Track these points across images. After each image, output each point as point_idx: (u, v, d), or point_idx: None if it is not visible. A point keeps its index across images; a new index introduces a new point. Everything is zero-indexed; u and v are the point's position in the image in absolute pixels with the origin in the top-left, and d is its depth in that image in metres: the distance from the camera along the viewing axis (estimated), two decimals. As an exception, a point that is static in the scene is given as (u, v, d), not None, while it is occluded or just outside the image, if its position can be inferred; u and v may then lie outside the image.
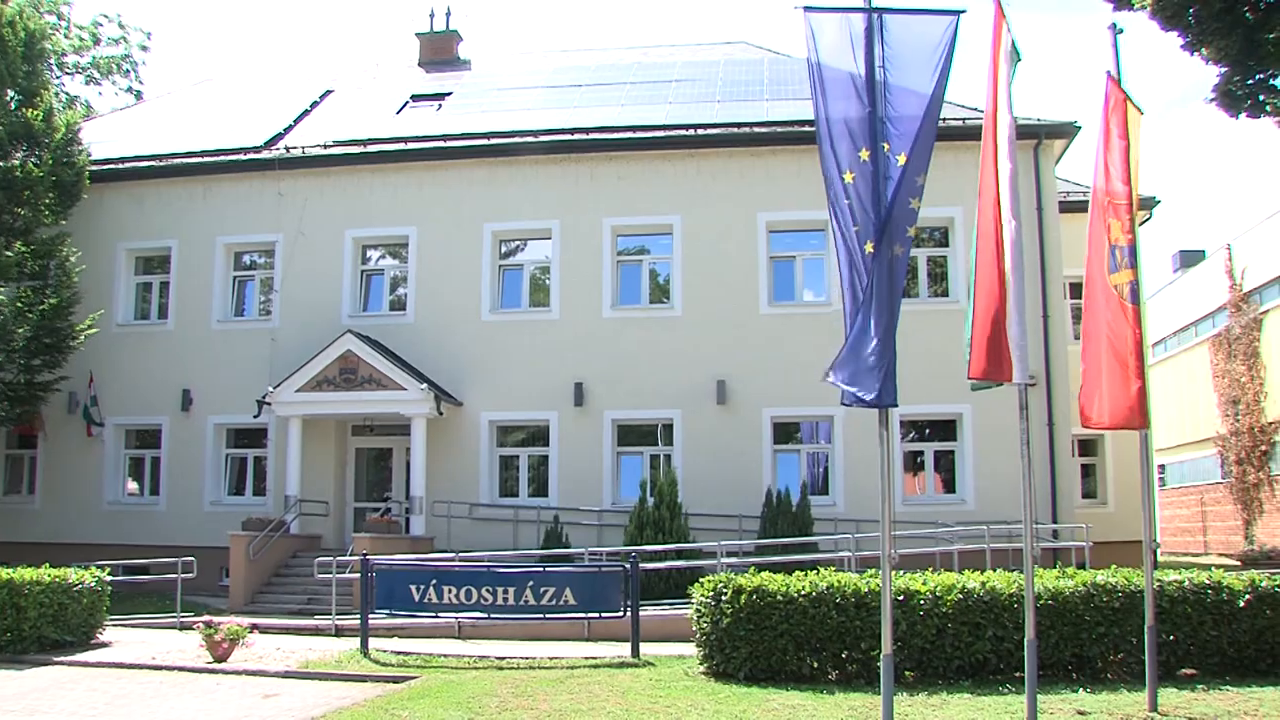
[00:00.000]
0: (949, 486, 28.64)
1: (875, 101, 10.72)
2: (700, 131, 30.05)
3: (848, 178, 10.73)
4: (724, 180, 29.60)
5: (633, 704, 13.79)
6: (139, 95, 53.66)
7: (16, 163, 29.22)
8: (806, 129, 28.65)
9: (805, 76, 31.13)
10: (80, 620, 20.89)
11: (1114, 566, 16.09)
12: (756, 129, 29.76)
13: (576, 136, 30.56)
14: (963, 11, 10.91)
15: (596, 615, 19.37)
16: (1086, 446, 34.27)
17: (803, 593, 15.25)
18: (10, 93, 30.36)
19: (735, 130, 29.88)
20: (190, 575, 25.12)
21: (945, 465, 28.81)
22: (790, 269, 29.54)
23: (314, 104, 36.12)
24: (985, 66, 11.96)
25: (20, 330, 28.74)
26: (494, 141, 31.05)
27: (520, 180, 30.61)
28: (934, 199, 27.23)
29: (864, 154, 10.65)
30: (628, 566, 19.01)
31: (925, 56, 10.84)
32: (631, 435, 29.58)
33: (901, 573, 15.86)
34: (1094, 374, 13.17)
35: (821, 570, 16.02)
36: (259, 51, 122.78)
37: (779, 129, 29.50)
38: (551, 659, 18.29)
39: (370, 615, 19.77)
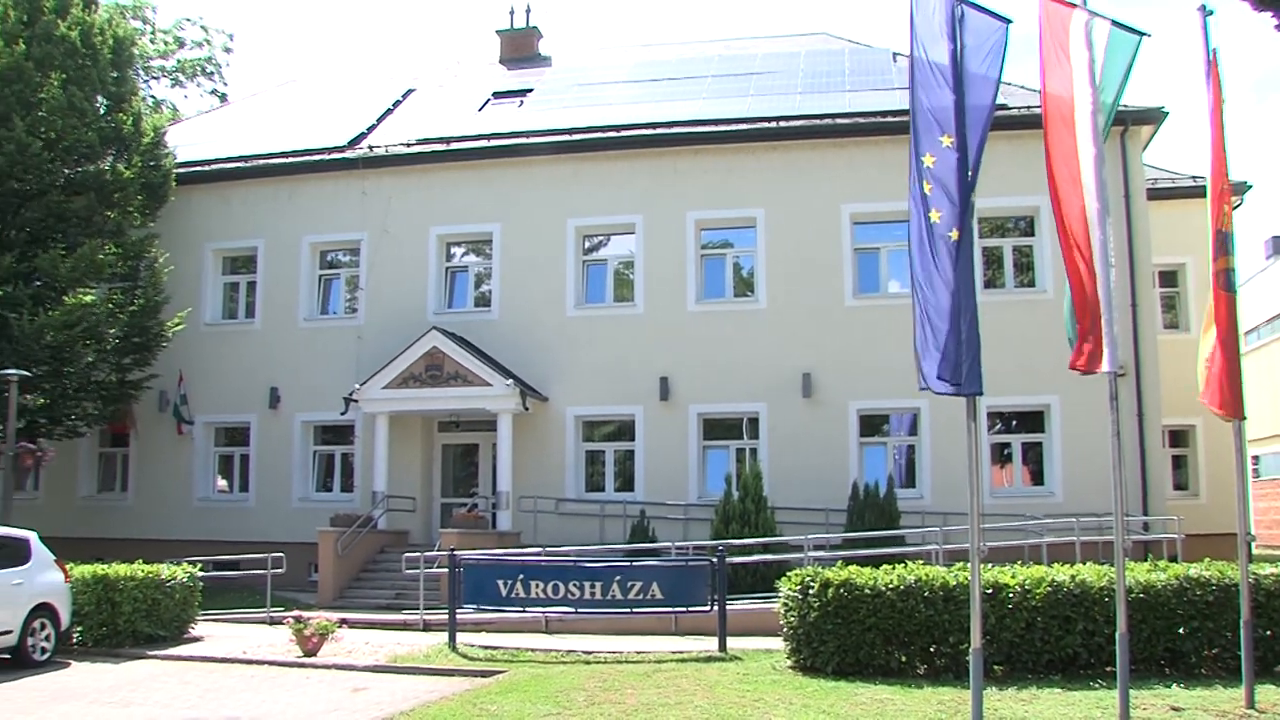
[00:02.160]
0: (1037, 479, 28.34)
1: (959, 88, 10.65)
2: (782, 123, 29.94)
3: (928, 161, 10.67)
4: (807, 172, 29.46)
5: (720, 698, 13.78)
6: (223, 97, 54.28)
7: (107, 166, 29.63)
8: (889, 119, 28.54)
9: (886, 66, 31.12)
10: (173, 615, 21.26)
11: (1207, 560, 15.86)
12: (839, 120, 29.59)
13: (659, 131, 30.52)
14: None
15: (683, 609, 19.33)
16: (1177, 437, 33.75)
17: (890, 586, 15.19)
18: (100, 98, 30.79)
19: (817, 122, 29.73)
20: (280, 571, 25.42)
21: (1033, 457, 28.51)
22: (875, 260, 29.34)
23: (396, 103, 36.35)
24: (1053, 50, 11.84)
25: (111, 330, 29.15)
26: (576, 137, 31.07)
27: (603, 175, 30.65)
28: (1019, 187, 27.23)
29: (946, 140, 10.58)
30: (714, 560, 18.97)
31: (991, 44, 10.80)
32: (717, 429, 29.52)
33: (990, 566, 15.73)
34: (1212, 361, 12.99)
35: (909, 564, 15.89)
36: (341, 52, 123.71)
37: (861, 120, 29.32)
38: (638, 653, 18.30)
39: (458, 610, 19.89)
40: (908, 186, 10.92)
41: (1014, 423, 28.79)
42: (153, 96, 50.50)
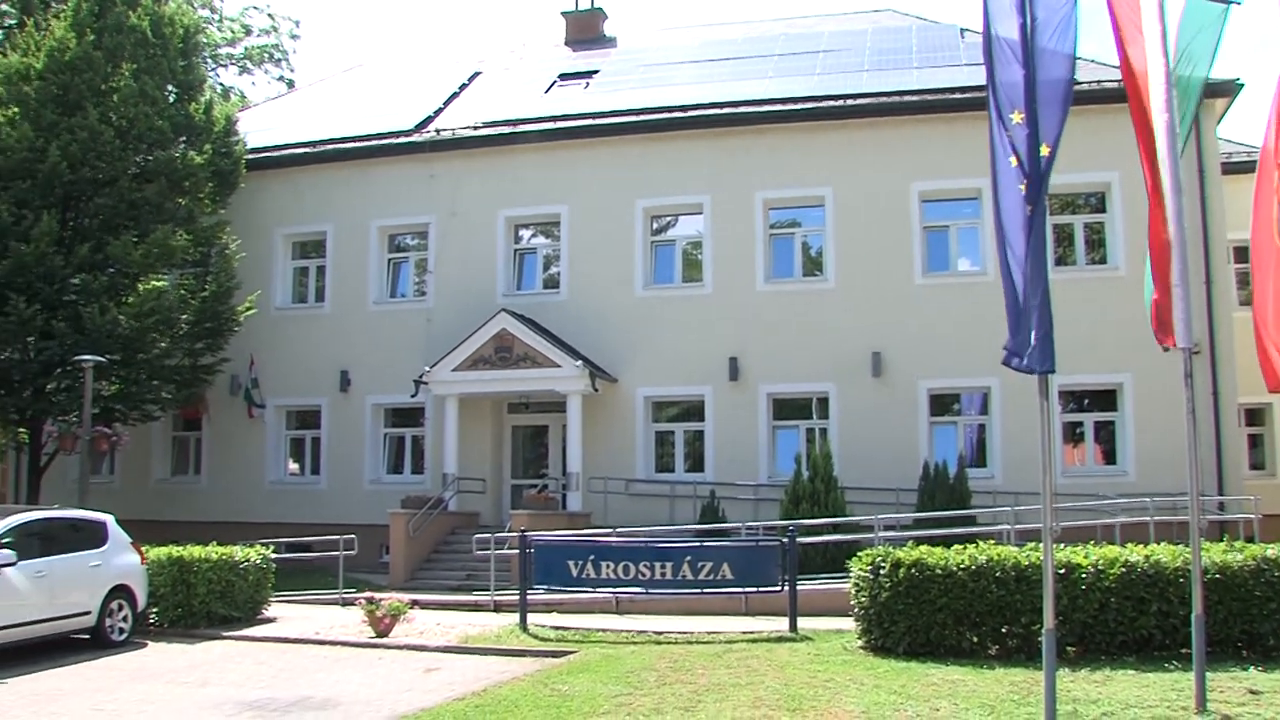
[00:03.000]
0: (1109, 458, 28.06)
1: (1029, 64, 10.55)
2: (850, 101, 29.72)
3: (1009, 136, 10.59)
4: (875, 150, 29.26)
5: (791, 678, 13.77)
6: (291, 84, 54.64)
7: (178, 154, 29.91)
8: (957, 96, 28.30)
9: (954, 43, 30.86)
10: (246, 596, 21.49)
11: (1286, 540, 15.67)
12: (906, 97, 29.34)
13: (726, 111, 30.43)
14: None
15: (754, 590, 19.30)
16: (1254, 416, 33.32)
17: (962, 566, 15.10)
18: (170, 87, 31.11)
19: (885, 99, 29.49)
20: (351, 553, 25.59)
21: (1105, 436, 28.24)
22: (944, 238, 29.14)
23: (463, 86, 36.42)
24: (1126, 23, 11.69)
25: (183, 316, 29.46)
26: (643, 118, 31.01)
27: (670, 156, 30.59)
28: (1090, 163, 26.92)
29: (1016, 116, 10.49)
30: (785, 540, 18.95)
31: (1061, 18, 10.67)
32: (786, 409, 29.45)
33: (1062, 546, 15.60)
34: (1266, 337, 12.76)
35: (980, 543, 15.79)
36: (407, 36, 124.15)
37: (929, 97, 29.06)
38: (709, 633, 18.30)
39: (528, 591, 19.96)
40: (989, 163, 10.83)
41: (1086, 401, 28.52)
42: (221, 84, 50.94)
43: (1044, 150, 10.45)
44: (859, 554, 16.43)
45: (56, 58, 28.81)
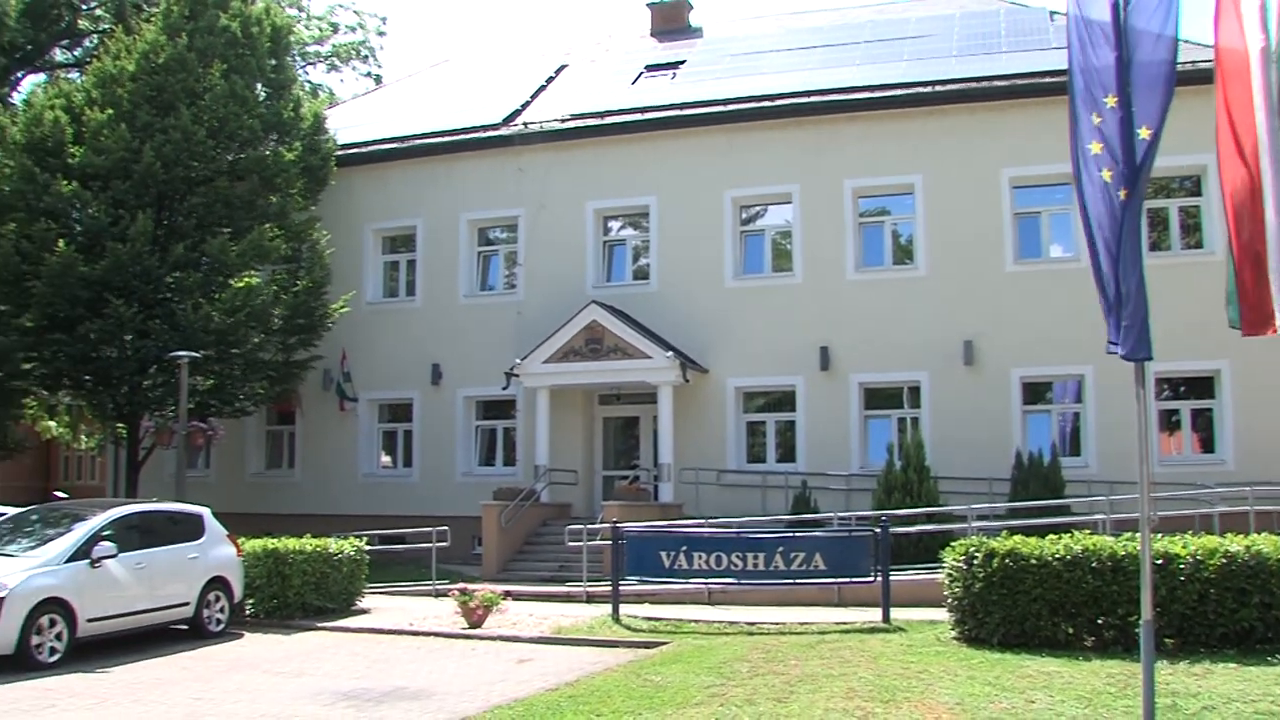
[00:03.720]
0: (1207, 446, 27.59)
1: (1123, 46, 10.37)
2: (938, 88, 29.44)
3: (1095, 120, 10.41)
4: (964, 137, 28.96)
5: (885, 669, 13.69)
6: (378, 79, 55.02)
7: (269, 152, 30.26)
8: (1048, 80, 27.88)
9: (1043, 26, 30.43)
10: (341, 588, 21.71)
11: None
12: (996, 82, 28.99)
13: (813, 99, 30.22)
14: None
15: (846, 580, 19.27)
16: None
17: (1057, 556, 14.92)
18: (260, 86, 31.49)
19: (974, 85, 29.17)
20: (444, 544, 25.76)
21: (1202, 424, 27.78)
22: (1035, 225, 28.79)
23: (549, 79, 36.49)
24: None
25: (277, 311, 29.83)
26: (730, 108, 30.92)
27: (758, 145, 30.48)
28: (1184, 146, 26.29)
29: (1110, 100, 10.32)
30: (877, 531, 18.84)
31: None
32: (878, 398, 29.28)
33: (1159, 536, 15.37)
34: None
35: (1075, 533, 15.60)
36: (493, 30, 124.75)
37: (1019, 81, 28.67)
38: (801, 624, 18.26)
39: (620, 582, 20.01)
40: (1071, 150, 10.66)
41: (1182, 388, 28.08)
42: (310, 82, 51.40)
43: (1143, 134, 10.26)
44: (952, 544, 16.28)
45: (150, 60, 29.37)
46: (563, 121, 32.51)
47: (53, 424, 49.66)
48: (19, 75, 42.99)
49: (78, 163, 28.54)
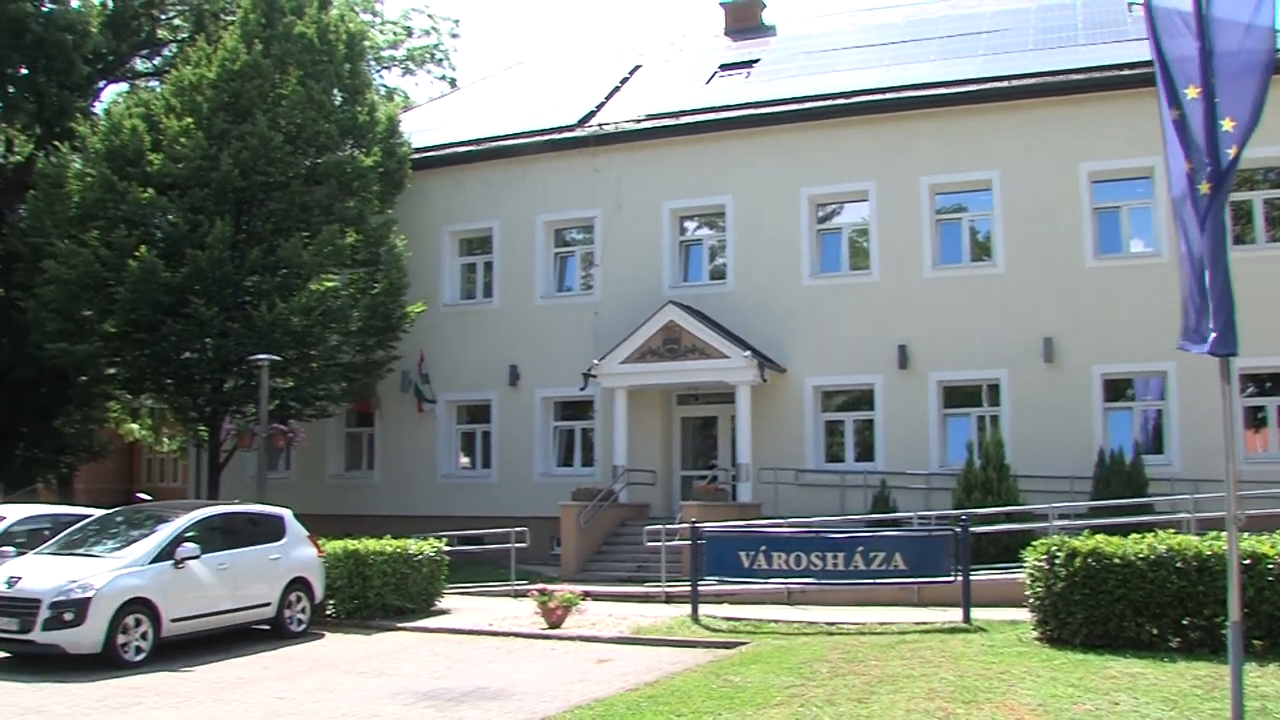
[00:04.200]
0: (1293, 442, 27.22)
1: (1205, 36, 10.20)
2: (1014, 82, 29.14)
3: (1175, 115, 10.26)
4: (1042, 131, 28.63)
5: (966, 670, 13.59)
6: (453, 83, 55.24)
7: (346, 156, 30.50)
8: (1127, 73, 27.61)
9: (1121, 17, 30.05)
10: (420, 588, 21.81)
11: None
12: (1074, 76, 28.67)
13: (889, 96, 30.07)
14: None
15: (926, 580, 19.14)
16: None
17: (1141, 556, 14.73)
18: (336, 91, 31.78)
19: (1051, 79, 28.84)
20: (523, 545, 25.90)
21: (1288, 420, 27.40)
22: (1115, 220, 28.45)
23: (624, 80, 36.54)
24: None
25: (355, 313, 30.08)
26: (805, 106, 30.81)
27: (834, 143, 30.36)
28: (1270, 137, 25.96)
29: (1192, 91, 10.15)
30: (958, 530, 18.72)
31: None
32: (957, 396, 29.07)
33: (1246, 535, 15.12)
34: None
35: (1159, 532, 15.40)
36: (566, 32, 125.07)
37: (1097, 74, 28.32)
38: (881, 624, 18.17)
39: (699, 581, 19.99)
40: (1161, 141, 10.50)
41: (1268, 384, 27.64)
42: (385, 86, 51.70)
43: (1227, 126, 10.08)
44: (1033, 543, 16.13)
45: (227, 67, 29.72)
46: (638, 122, 32.56)
47: (136, 427, 50.57)
48: (101, 85, 43.53)
49: (156, 170, 28.94)
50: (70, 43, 36.84)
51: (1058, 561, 15.23)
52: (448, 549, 22.87)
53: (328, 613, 20.96)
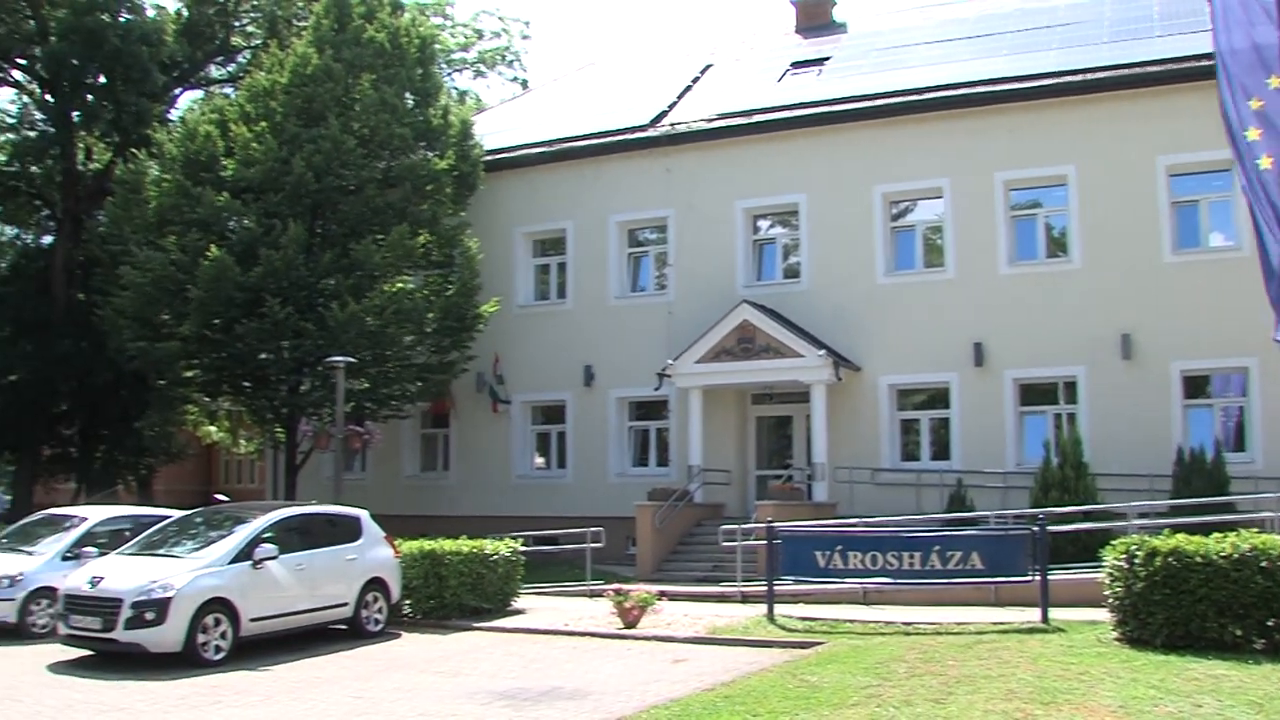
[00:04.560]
0: (1383, 439, 26.73)
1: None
2: (1089, 76, 28.84)
3: (1255, 105, 10.10)
4: (1118, 125, 28.29)
5: (1044, 670, 13.48)
6: (524, 84, 55.49)
7: (420, 159, 30.68)
8: (1205, 64, 27.17)
9: (1198, 8, 29.67)
10: (496, 588, 21.93)
11: None
12: (1149, 68, 28.30)
13: (961, 91, 29.86)
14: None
15: (1003, 579, 19.00)
16: None
17: (1223, 555, 14.54)
18: (409, 95, 31.98)
19: (1127, 71, 28.50)
20: (598, 545, 25.95)
21: (1378, 416, 26.90)
22: (1194, 214, 28.04)
23: (695, 79, 36.49)
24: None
25: (429, 315, 30.24)
26: (878, 103, 30.65)
27: (907, 140, 30.19)
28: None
29: (1275, 81, 9.99)
30: (1035, 529, 18.56)
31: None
32: (1033, 394, 28.79)
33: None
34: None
35: (1242, 531, 15.18)
36: (636, 32, 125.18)
37: (1174, 66, 27.92)
38: (958, 624, 18.05)
39: (775, 581, 19.94)
40: (1226, 136, 10.34)
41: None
42: (456, 89, 51.99)
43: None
44: (1112, 542, 15.96)
45: (299, 72, 29.95)
46: (710, 121, 32.53)
47: (213, 429, 51.19)
48: (177, 92, 44.12)
49: (230, 175, 29.29)
50: (146, 53, 37.40)
51: (1137, 561, 15.07)
52: (523, 549, 22.95)
53: (404, 613, 21.15)
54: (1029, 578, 18.39)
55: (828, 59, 34.83)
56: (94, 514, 22.07)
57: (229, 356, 29.30)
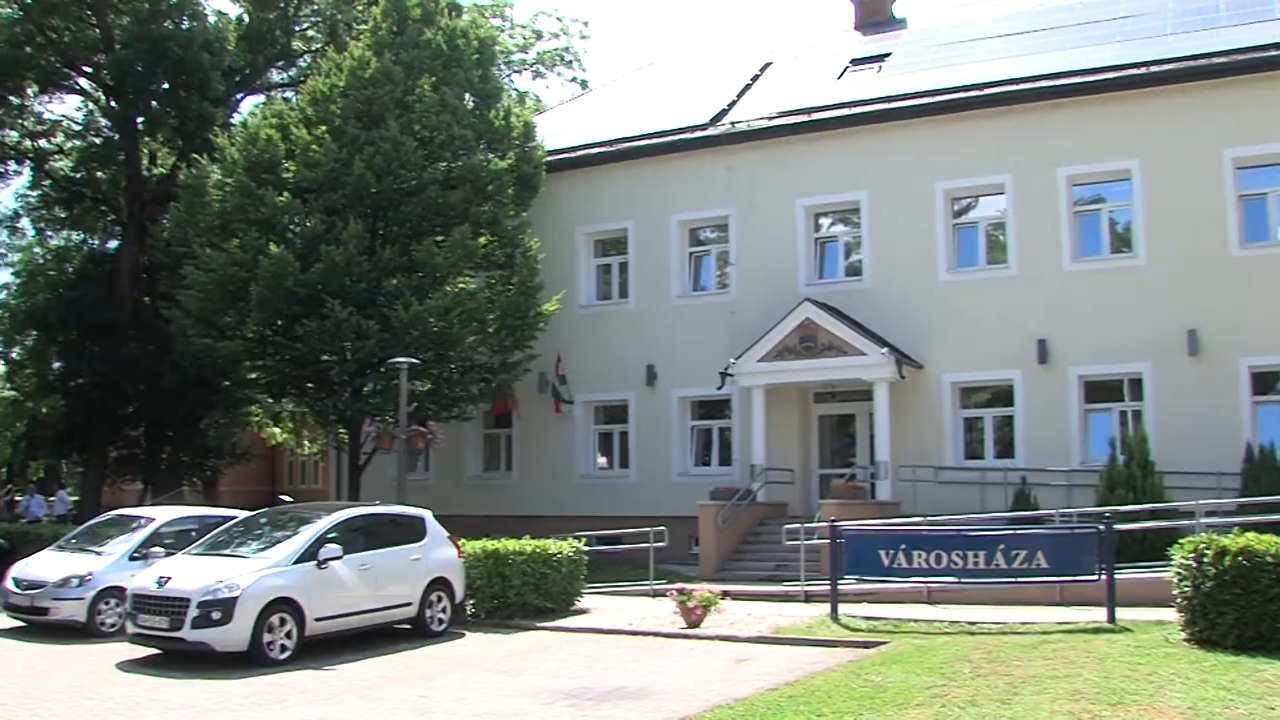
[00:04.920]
0: None
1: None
2: (1152, 68, 28.47)
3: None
4: (1182, 118, 27.93)
5: (1111, 671, 13.37)
6: (584, 84, 55.52)
7: (481, 161, 30.77)
8: (1273, 53, 26.93)
9: (1269, -5, 28.79)
10: (560, 588, 21.96)
11: None
12: (1215, 59, 27.90)
13: (1023, 86, 29.60)
14: None
15: (1069, 579, 18.84)
16: None
17: (1295, 554, 14.39)
18: (469, 96, 32.10)
19: (1192, 63, 28.09)
20: (661, 544, 25.93)
21: None
22: (1262, 207, 27.62)
23: (755, 77, 36.40)
24: None
25: (491, 315, 30.32)
26: (938, 99, 30.46)
27: (968, 136, 30.00)
28: None
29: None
30: (1101, 527, 18.40)
31: None
32: (1098, 391, 28.52)
33: None
34: None
35: (1314, 530, 15.01)
36: (695, 31, 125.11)
37: (1240, 56, 27.53)
38: (1023, 624, 17.94)
39: (839, 580, 19.88)
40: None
41: None
42: (516, 89, 52.13)
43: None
44: (1180, 541, 15.81)
45: (358, 75, 30.12)
46: (770, 119, 32.47)
47: (277, 430, 51.62)
48: (239, 97, 44.53)
49: (292, 178, 29.50)
50: (208, 60, 37.83)
51: (1206, 560, 14.92)
52: (586, 549, 22.97)
53: (468, 612, 21.25)
54: (1095, 577, 18.23)
55: (888, 55, 34.66)
56: (161, 515, 22.33)
57: (291, 359, 29.47)
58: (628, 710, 12.92)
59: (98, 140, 44.50)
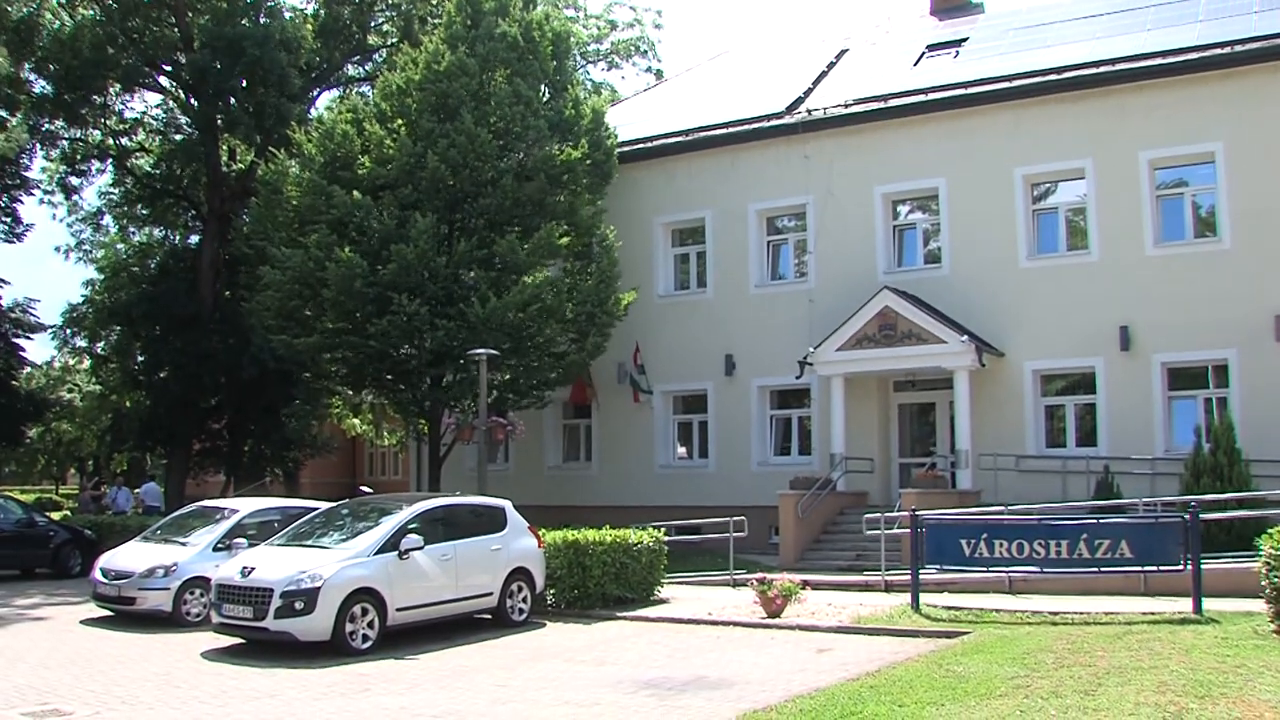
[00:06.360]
0: None
1: None
2: (1236, 48, 27.90)
3: None
4: (1268, 98, 27.39)
5: (1197, 663, 13.22)
6: (659, 74, 55.42)
7: (555, 151, 30.83)
8: (1363, 29, 26.43)
9: (1353, -27, 28.18)
10: (640, 578, 22.00)
11: None
12: (1302, 38, 27.55)
13: (1102, 69, 29.22)
14: None
15: (1154, 569, 18.63)
16: None
17: (1385, 542, 14.16)
18: (544, 88, 32.17)
19: (1276, 42, 27.46)
20: (741, 534, 25.94)
21: None
22: (1352, 188, 27.23)
23: (830, 65, 36.23)
24: None
25: (568, 305, 30.38)
26: (1016, 84, 30.14)
27: (1046, 121, 29.68)
28: None
29: None
30: (1187, 516, 18.17)
31: None
32: (1182, 378, 28.14)
33: None
34: None
35: (1404, 518, 14.75)
36: (770, 18, 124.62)
37: (1330, 34, 27.20)
38: (1107, 614, 17.81)
39: (920, 570, 19.79)
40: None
41: None
42: (591, 80, 52.18)
43: None
44: (1269, 530, 15.55)
45: (432, 69, 30.24)
46: (846, 107, 32.30)
47: (357, 422, 52.04)
48: (315, 93, 44.91)
49: (366, 173, 29.65)
50: (285, 58, 38.18)
51: (1295, 549, 14.69)
52: (666, 539, 23.01)
53: (548, 602, 21.31)
54: (1181, 567, 18.01)
55: (965, 41, 34.37)
56: (244, 506, 22.59)
57: (367, 354, 29.63)
58: (708, 699, 12.93)
59: (178, 137, 45.16)
